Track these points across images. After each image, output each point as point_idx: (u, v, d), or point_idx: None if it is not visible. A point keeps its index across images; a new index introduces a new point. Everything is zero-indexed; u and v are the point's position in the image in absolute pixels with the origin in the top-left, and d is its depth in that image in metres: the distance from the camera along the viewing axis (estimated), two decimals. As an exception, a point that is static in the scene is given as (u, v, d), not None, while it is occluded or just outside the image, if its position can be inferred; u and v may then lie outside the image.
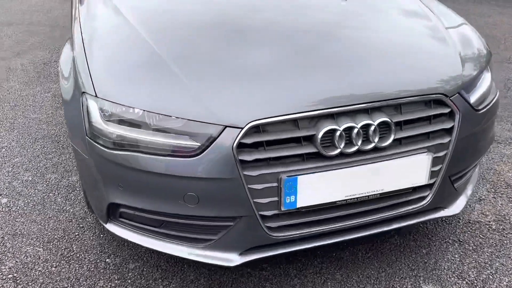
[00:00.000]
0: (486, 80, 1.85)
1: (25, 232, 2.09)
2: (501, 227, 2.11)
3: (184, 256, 1.61)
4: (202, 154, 1.43)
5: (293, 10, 2.01)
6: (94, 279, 1.83)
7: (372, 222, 1.67)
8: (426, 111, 1.60)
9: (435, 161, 1.63)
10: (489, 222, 2.14)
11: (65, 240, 2.04)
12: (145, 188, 1.52)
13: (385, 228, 1.72)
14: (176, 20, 1.88)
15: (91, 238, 2.06)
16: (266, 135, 1.45)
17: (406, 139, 1.59)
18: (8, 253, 1.96)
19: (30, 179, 2.49)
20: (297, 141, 1.48)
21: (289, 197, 1.49)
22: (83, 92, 1.58)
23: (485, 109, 1.75)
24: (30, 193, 2.37)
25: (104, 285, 1.80)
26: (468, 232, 2.08)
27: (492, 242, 2.02)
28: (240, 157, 1.42)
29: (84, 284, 1.81)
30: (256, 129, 1.44)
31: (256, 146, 1.46)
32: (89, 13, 1.97)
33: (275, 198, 1.49)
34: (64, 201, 2.29)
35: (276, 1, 2.07)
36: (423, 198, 1.71)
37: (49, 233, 2.09)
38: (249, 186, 1.46)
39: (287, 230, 1.58)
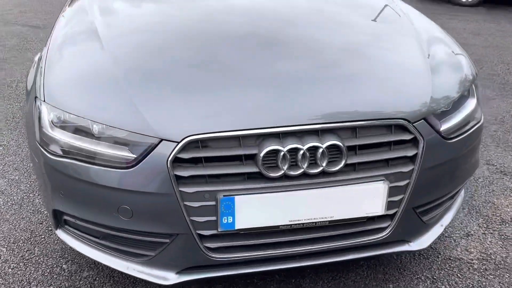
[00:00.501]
0: (467, 107, 1.71)
1: (-6, 231, 2.12)
2: (483, 266, 1.94)
3: (122, 270, 1.57)
4: (136, 167, 1.38)
5: (248, 24, 1.94)
6: (45, 285, 1.82)
7: (324, 250, 1.57)
8: (385, 136, 1.48)
9: (395, 191, 1.51)
10: (472, 260, 1.97)
11: (29, 242, 2.05)
12: (82, 197, 1.49)
13: (338, 259, 1.61)
14: (137, 38, 1.82)
15: (55, 242, 2.05)
16: (206, 151, 1.39)
17: (361, 164, 1.48)
18: (-28, 251, 2.00)
19: (17, 178, 2.54)
20: (240, 159, 1.41)
21: (227, 217, 1.42)
22: (36, 97, 1.58)
23: (459, 138, 1.61)
24: (12, 192, 2.41)
25: (53, 291, 1.79)
26: (445, 270, 1.92)
27: (469, 283, 1.85)
28: (176, 172, 1.37)
29: (34, 288, 1.81)
30: (196, 144, 1.38)
31: (196, 162, 1.40)
32: (66, 19, 1.99)
33: (214, 218, 1.42)
34: (41, 203, 2.31)
35: (231, 16, 2.02)
36: (383, 229, 1.58)
37: (17, 234, 2.11)
38: (185, 203, 1.40)
39: (228, 252, 1.50)
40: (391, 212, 1.55)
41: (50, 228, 2.13)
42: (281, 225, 1.46)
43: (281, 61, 1.65)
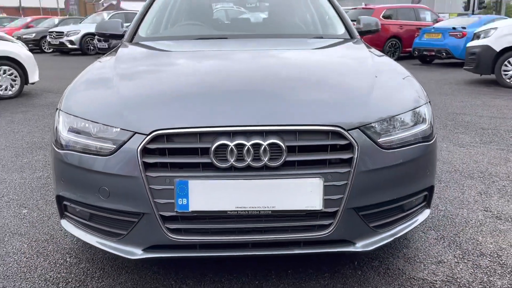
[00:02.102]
0: (415, 128, 1.92)
1: (22, 232, 2.53)
2: (445, 286, 1.98)
3: (100, 247, 1.88)
4: (114, 154, 1.75)
5: (228, 65, 2.33)
6: (47, 270, 2.15)
7: (272, 241, 1.77)
8: (324, 140, 1.74)
9: (334, 190, 1.72)
10: (435, 281, 2.02)
11: (47, 242, 2.43)
12: (75, 181, 1.86)
13: (287, 252, 1.80)
14: (140, 81, 2.17)
15: (66, 242, 2.41)
16: (170, 144, 1.73)
17: (302, 163, 1.73)
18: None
19: (51, 199, 2.99)
20: (197, 152, 1.73)
21: (181, 199, 1.70)
22: (57, 108, 2.05)
23: (397, 150, 1.82)
24: (46, 209, 2.85)
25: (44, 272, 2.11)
26: (405, 286, 1.99)
27: (425, 297, 1.91)
28: (143, 160, 1.71)
29: (35, 271, 2.14)
30: (162, 138, 1.73)
31: (162, 153, 1.73)
32: (89, 69, 2.48)
33: (172, 200, 1.72)
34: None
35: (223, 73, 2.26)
36: (326, 226, 1.77)
37: (39, 236, 2.50)
38: (150, 186, 1.71)
39: (185, 234, 1.76)
40: (331, 210, 1.74)
41: (65, 232, 2.50)
42: (228, 211, 1.71)
43: (247, 83, 2.01)
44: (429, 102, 2.10)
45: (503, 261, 2.19)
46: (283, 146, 1.68)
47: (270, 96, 1.88)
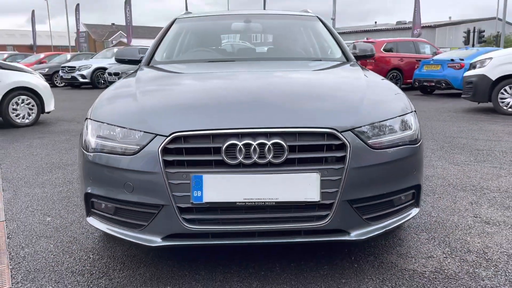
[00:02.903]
0: (402, 132, 2.18)
1: (48, 235, 2.77)
2: (433, 276, 2.19)
3: (124, 237, 2.11)
4: (138, 154, 2.02)
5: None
6: (73, 264, 2.38)
7: (276, 230, 2.01)
8: (321, 141, 2.00)
9: (330, 184, 1.97)
10: (425, 272, 2.23)
11: (71, 243, 2.67)
12: (103, 178, 2.12)
13: (289, 240, 2.03)
14: (161, 94, 2.50)
15: (89, 243, 2.64)
16: (186, 144, 1.99)
17: (301, 160, 1.98)
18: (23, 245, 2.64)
19: (79, 211, 3.24)
20: (211, 151, 1.99)
21: (197, 191, 1.95)
22: (86, 118, 2.34)
23: (384, 150, 2.07)
24: (75, 214, 3.10)
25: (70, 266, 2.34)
26: (397, 275, 2.19)
27: (415, 285, 2.11)
28: (164, 158, 1.97)
29: (62, 265, 2.36)
30: (180, 140, 2.00)
31: (180, 152, 2.00)
32: (114, 87, 2.79)
33: (188, 193, 1.97)
34: (88, 225, 2.95)
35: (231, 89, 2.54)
36: (323, 217, 2.00)
37: (64, 238, 2.73)
38: (169, 181, 1.97)
39: (199, 224, 2.00)
40: (327, 201, 1.98)
41: (87, 235, 2.74)
42: (237, 202, 1.96)
43: (254, 96, 2.30)
44: (415, 111, 2.36)
45: (488, 257, 2.40)
46: (285, 145, 1.95)
47: (274, 105, 2.16)
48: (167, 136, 1.98)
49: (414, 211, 2.32)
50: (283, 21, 4.02)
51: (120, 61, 3.64)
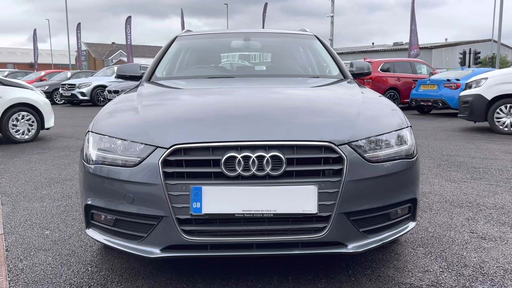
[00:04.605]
0: (398, 146, 2.22)
1: (46, 248, 2.78)
2: (430, 289, 2.20)
3: (123, 249, 2.12)
4: (138, 165, 2.05)
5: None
6: (71, 276, 2.39)
7: (274, 242, 2.03)
8: (318, 154, 2.04)
9: (327, 196, 2.00)
10: (421, 285, 2.24)
11: (69, 256, 2.67)
12: (103, 190, 2.15)
13: (288, 252, 2.05)
14: (162, 108, 2.55)
15: (87, 256, 2.65)
16: (186, 156, 2.03)
17: (299, 173, 2.02)
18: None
19: (79, 225, 3.25)
20: (210, 163, 2.02)
21: (196, 203, 1.98)
22: (88, 131, 2.38)
23: (380, 163, 2.11)
24: (73, 228, 3.11)
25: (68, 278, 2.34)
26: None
27: (412, 297, 2.12)
28: (164, 169, 2.00)
29: (60, 277, 2.37)
30: (180, 152, 2.03)
31: (180, 164, 2.03)
32: (119, 97, 2.86)
33: (187, 205, 1.99)
34: (87, 239, 2.96)
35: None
36: (321, 229, 2.03)
37: (63, 251, 2.74)
38: (169, 192, 2.00)
39: (198, 235, 2.02)
40: (325, 214, 2.01)
41: (86, 248, 2.75)
42: (236, 213, 1.98)
43: (257, 105, 2.37)
44: (411, 126, 2.41)
45: (485, 271, 2.41)
46: (283, 158, 1.98)
47: (272, 118, 2.20)
48: (168, 148, 2.02)
49: (411, 224, 2.34)
50: (282, 39, 4.11)
51: (121, 77, 3.70)
